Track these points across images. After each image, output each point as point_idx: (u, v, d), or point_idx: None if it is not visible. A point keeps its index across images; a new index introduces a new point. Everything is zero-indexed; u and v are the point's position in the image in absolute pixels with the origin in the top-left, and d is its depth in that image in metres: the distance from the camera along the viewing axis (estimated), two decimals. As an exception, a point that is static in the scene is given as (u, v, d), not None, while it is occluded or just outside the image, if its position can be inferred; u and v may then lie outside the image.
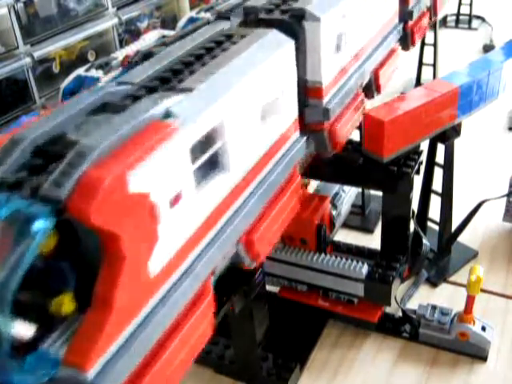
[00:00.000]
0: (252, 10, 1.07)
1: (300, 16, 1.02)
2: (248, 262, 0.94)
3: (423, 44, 2.65)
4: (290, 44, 0.98)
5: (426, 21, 1.76)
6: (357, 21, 1.21)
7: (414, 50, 2.72)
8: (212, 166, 0.81)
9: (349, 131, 1.23)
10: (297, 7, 1.04)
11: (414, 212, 1.60)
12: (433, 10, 1.92)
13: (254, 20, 1.04)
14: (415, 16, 1.59)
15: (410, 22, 1.58)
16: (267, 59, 0.91)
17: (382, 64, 1.41)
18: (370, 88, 1.38)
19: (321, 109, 1.09)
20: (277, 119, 0.97)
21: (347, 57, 1.20)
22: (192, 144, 0.72)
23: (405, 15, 1.54)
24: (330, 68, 1.10)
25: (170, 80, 0.83)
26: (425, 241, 1.60)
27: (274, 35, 0.97)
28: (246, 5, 1.08)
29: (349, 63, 1.21)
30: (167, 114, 0.69)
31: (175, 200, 0.69)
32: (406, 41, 1.61)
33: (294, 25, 1.02)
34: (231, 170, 0.84)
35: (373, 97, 1.41)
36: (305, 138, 1.07)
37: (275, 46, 0.95)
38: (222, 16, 1.13)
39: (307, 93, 1.08)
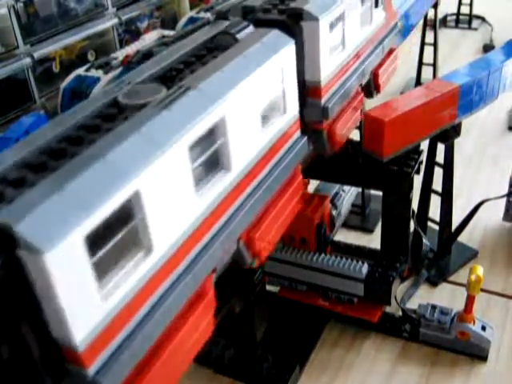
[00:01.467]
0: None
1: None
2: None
3: (423, 44, 2.65)
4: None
5: (357, 107, 1.30)
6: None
7: (414, 50, 2.73)
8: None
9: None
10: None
11: (414, 212, 1.60)
12: (373, 84, 1.43)
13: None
14: (334, 112, 1.15)
15: (327, 121, 1.14)
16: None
17: (257, 225, 0.95)
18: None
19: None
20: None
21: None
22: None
23: (315, 114, 1.12)
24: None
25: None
26: (425, 241, 1.60)
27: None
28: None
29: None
30: None
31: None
32: (322, 146, 1.17)
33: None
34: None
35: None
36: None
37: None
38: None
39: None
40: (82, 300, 0.60)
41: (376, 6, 1.32)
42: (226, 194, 0.83)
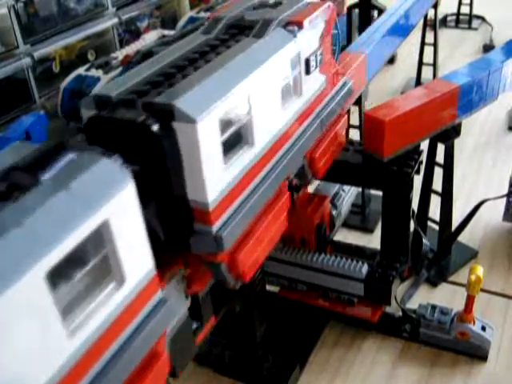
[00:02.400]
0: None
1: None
2: None
3: (423, 44, 2.65)
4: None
5: (281, 210, 0.99)
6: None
7: (414, 50, 2.73)
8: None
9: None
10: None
11: (414, 212, 1.60)
12: (310, 171, 1.14)
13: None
14: (234, 239, 0.86)
15: (225, 252, 0.85)
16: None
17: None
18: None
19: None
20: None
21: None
22: None
23: (206, 245, 0.82)
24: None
25: None
26: (425, 241, 1.60)
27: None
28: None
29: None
30: None
31: None
32: (223, 279, 0.90)
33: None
34: None
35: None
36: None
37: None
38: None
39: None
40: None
41: (307, 73, 1.02)
42: None
